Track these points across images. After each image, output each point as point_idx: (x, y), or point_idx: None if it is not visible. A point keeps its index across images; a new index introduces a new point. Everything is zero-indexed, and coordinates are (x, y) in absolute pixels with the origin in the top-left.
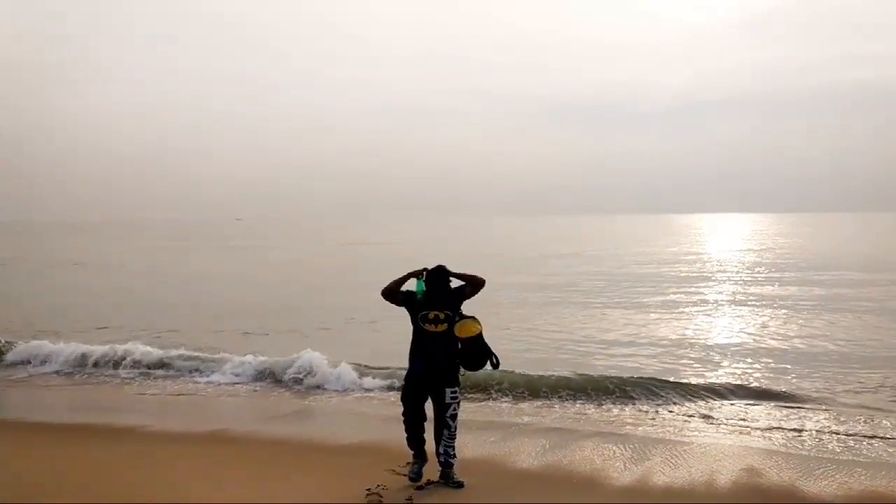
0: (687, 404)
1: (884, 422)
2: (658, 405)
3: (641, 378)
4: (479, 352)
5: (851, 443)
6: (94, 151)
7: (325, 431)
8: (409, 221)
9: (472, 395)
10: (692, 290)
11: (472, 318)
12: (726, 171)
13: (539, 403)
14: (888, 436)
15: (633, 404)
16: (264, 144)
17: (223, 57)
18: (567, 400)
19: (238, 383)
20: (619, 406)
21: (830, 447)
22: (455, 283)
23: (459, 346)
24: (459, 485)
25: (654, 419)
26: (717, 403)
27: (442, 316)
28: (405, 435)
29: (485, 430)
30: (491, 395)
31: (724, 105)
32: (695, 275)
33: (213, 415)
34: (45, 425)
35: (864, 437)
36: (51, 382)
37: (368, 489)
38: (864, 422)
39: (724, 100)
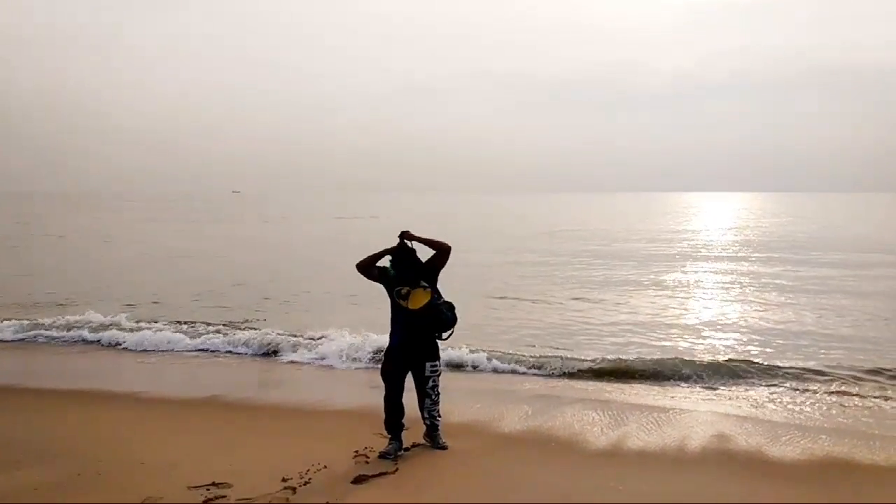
0: (664, 373)
1: (852, 390)
2: (638, 375)
3: (624, 350)
4: (439, 316)
5: (821, 411)
6: (100, 126)
7: (316, 398)
8: (409, 200)
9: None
10: (677, 266)
11: (422, 287)
12: (726, 153)
13: (526, 375)
14: (855, 405)
15: (616, 374)
16: (267, 121)
17: (227, 33)
18: (554, 372)
19: (235, 353)
20: (602, 376)
21: (799, 415)
22: (415, 245)
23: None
24: (443, 447)
25: (633, 388)
26: (693, 372)
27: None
28: (384, 417)
29: (472, 398)
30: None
31: (726, 87)
32: (683, 252)
33: (210, 382)
34: (47, 391)
35: (832, 405)
36: (52, 350)
37: (356, 451)
38: (833, 391)
39: (725, 82)
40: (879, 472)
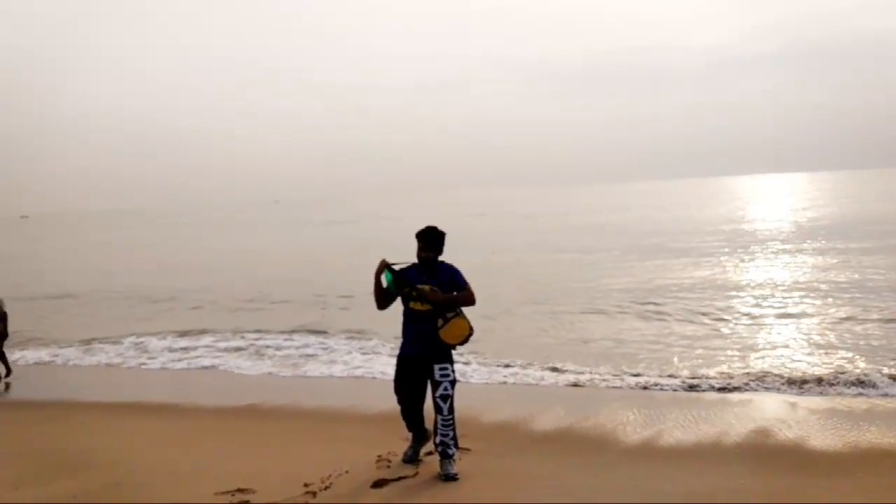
0: (702, 368)
1: None
2: (675, 369)
3: (660, 345)
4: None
5: (869, 401)
6: (139, 140)
7: (348, 404)
8: (443, 197)
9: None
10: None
11: (457, 314)
12: (767, 131)
13: (558, 376)
14: None
15: (651, 371)
16: (300, 127)
17: (247, 41)
18: (587, 372)
19: (269, 367)
20: (640, 372)
21: (849, 405)
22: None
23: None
24: (450, 477)
25: (669, 384)
26: (735, 365)
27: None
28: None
29: (503, 399)
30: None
31: (764, 60)
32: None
33: (247, 391)
34: (98, 404)
35: (883, 395)
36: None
37: (379, 455)
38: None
39: (762, 54)
40: None
